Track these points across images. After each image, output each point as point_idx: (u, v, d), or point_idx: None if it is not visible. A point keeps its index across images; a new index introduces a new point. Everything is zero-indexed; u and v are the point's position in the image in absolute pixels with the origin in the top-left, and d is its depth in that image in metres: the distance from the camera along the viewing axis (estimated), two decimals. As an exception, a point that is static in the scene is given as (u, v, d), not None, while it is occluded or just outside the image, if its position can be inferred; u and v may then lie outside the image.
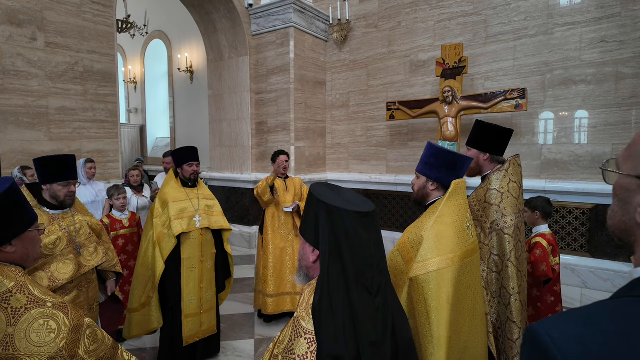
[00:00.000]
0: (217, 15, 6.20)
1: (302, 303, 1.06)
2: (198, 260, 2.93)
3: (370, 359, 0.97)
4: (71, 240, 2.16)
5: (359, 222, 1.03)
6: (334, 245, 1.01)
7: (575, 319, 0.56)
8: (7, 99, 3.81)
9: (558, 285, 2.66)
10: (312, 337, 0.98)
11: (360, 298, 0.99)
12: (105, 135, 4.63)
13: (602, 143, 4.37)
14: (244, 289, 4.65)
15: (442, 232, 1.43)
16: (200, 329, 2.95)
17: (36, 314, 1.18)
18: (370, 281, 1.02)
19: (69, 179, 2.16)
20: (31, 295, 1.21)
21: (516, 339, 1.90)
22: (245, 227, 6.41)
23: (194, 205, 2.97)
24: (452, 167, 1.58)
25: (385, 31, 5.97)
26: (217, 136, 6.80)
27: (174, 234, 2.78)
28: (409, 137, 5.86)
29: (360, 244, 1.02)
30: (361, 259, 1.02)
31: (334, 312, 0.97)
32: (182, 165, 3.00)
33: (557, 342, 0.53)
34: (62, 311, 1.24)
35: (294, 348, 0.98)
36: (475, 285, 1.51)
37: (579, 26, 4.43)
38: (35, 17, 3.96)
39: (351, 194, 1.15)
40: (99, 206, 3.99)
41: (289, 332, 1.03)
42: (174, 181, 3.03)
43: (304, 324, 1.00)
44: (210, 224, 2.98)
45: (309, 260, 1.12)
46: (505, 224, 1.93)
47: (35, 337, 1.16)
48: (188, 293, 2.87)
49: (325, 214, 1.03)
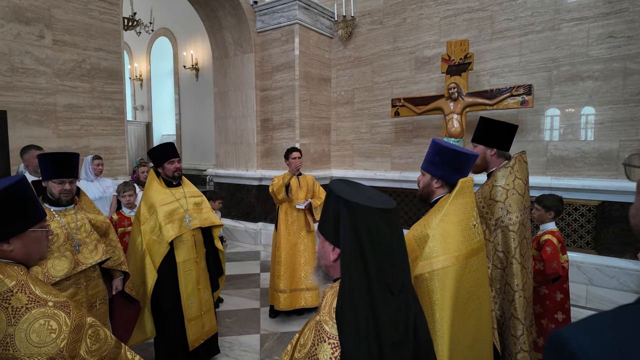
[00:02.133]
0: (222, 13, 6.21)
1: (324, 306, 1.02)
2: (194, 262, 2.78)
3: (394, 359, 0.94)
4: (69, 237, 2.16)
5: (381, 218, 1.00)
6: (355, 243, 0.98)
7: (602, 324, 0.54)
8: (16, 96, 3.86)
9: (567, 283, 2.67)
10: (335, 342, 0.94)
11: (382, 297, 0.96)
12: (112, 132, 4.67)
13: (609, 139, 4.34)
14: (250, 285, 4.69)
15: (447, 231, 1.43)
16: (203, 330, 2.86)
17: (37, 314, 1.17)
18: (393, 280, 0.99)
19: (62, 177, 2.14)
20: (32, 295, 1.19)
21: (519, 335, 1.90)
22: (251, 224, 6.44)
23: (183, 205, 2.79)
24: (457, 165, 1.58)
25: (390, 27, 5.95)
26: (223, 133, 6.83)
27: (167, 240, 2.61)
28: (413, 133, 5.85)
29: (382, 241, 0.99)
30: (383, 257, 0.99)
31: (356, 313, 0.94)
32: (162, 164, 2.80)
33: (585, 348, 0.51)
34: (63, 310, 1.22)
35: (317, 353, 0.95)
36: (481, 283, 1.52)
37: (586, 21, 4.39)
38: (42, 14, 4.00)
39: (371, 190, 1.12)
40: (106, 202, 4.04)
41: (311, 336, 0.99)
42: (156, 182, 2.81)
43: (327, 328, 0.96)
44: (201, 223, 2.83)
45: (329, 259, 1.08)
46: (510, 220, 1.93)
47: (36, 337, 1.14)
48: (188, 296, 2.75)
49: (346, 211, 0.99)
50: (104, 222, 2.45)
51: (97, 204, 3.61)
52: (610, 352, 0.50)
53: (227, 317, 3.84)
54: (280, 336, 3.51)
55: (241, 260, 5.69)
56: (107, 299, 2.40)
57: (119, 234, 3.38)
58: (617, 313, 0.56)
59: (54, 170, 2.13)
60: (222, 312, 3.94)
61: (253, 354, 3.22)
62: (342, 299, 0.95)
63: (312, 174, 4.15)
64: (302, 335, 1.07)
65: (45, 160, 2.13)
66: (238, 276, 4.91)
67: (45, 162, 2.13)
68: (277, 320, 3.80)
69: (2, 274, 1.18)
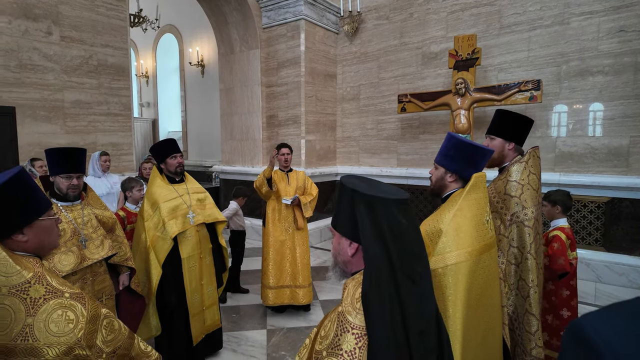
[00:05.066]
0: (227, 8, 6.20)
1: (346, 297, 1.03)
2: (197, 258, 2.80)
3: (420, 349, 0.95)
4: (76, 232, 2.17)
5: (399, 209, 1.01)
6: (377, 235, 0.99)
7: (622, 313, 0.52)
8: (25, 93, 3.88)
9: (574, 279, 2.64)
10: (359, 332, 0.94)
11: (406, 287, 0.97)
12: (119, 128, 4.69)
13: (619, 135, 4.28)
14: (256, 280, 4.69)
15: (461, 226, 1.42)
16: (204, 325, 2.88)
17: (54, 305, 1.18)
18: (413, 270, 1.00)
19: (69, 172, 2.15)
20: (49, 286, 1.20)
21: (534, 331, 1.89)
22: (256, 220, 6.45)
23: (186, 201, 2.79)
24: (472, 159, 1.56)
25: (396, 23, 5.91)
26: (228, 130, 6.84)
27: (171, 236, 2.62)
28: (420, 130, 5.81)
29: (401, 231, 1.00)
30: (404, 247, 1.00)
31: (381, 303, 0.94)
32: (164, 159, 2.80)
33: (605, 338, 0.49)
34: (79, 302, 1.24)
35: (340, 344, 0.94)
36: (493, 279, 1.50)
37: (596, 15, 4.33)
38: (50, 11, 4.01)
39: (382, 183, 1.14)
40: (114, 198, 4.06)
41: (333, 327, 0.99)
42: (159, 179, 2.81)
43: (350, 319, 0.97)
44: (205, 219, 2.83)
45: (347, 255, 1.08)
46: (526, 216, 1.91)
47: (55, 327, 1.16)
48: (192, 292, 2.76)
49: (364, 205, 1.01)
50: (111, 218, 2.46)
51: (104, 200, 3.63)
52: (632, 341, 0.48)
53: (234, 313, 3.86)
54: (286, 332, 3.52)
55: (247, 256, 5.68)
56: (113, 294, 2.41)
57: (128, 230, 3.39)
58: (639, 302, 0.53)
59: (62, 166, 2.14)
60: (229, 308, 3.95)
61: (260, 349, 3.23)
62: (367, 289, 0.96)
63: (303, 170, 4.10)
64: (322, 327, 1.06)
65: (53, 155, 2.14)
66: (244, 272, 4.92)
67: (53, 157, 2.14)
68: (284, 316, 3.81)
69: (19, 265, 1.19)
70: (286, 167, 3.89)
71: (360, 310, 0.96)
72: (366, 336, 0.94)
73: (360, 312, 0.96)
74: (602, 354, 0.49)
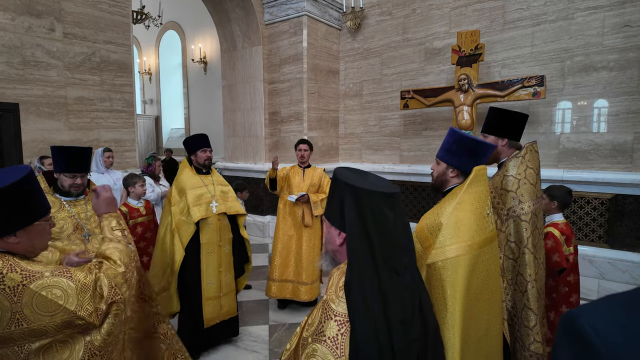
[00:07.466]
0: (230, 5, 6.19)
1: (331, 286, 1.06)
2: (216, 245, 2.99)
3: (401, 338, 0.97)
4: (79, 227, 2.20)
5: (384, 202, 1.03)
6: (361, 227, 1.01)
7: (617, 306, 0.52)
8: (28, 89, 3.90)
9: (572, 275, 2.59)
10: (342, 319, 0.98)
11: (388, 277, 1.00)
12: (122, 125, 4.70)
13: (623, 131, 4.25)
14: (259, 277, 4.71)
15: (461, 219, 1.41)
16: (221, 311, 3.04)
17: (36, 287, 1.16)
18: (398, 262, 1.02)
19: (74, 172, 2.18)
20: (24, 271, 1.17)
21: (532, 325, 1.89)
22: (259, 217, 6.47)
23: (210, 191, 3.01)
24: (474, 154, 1.55)
25: (399, 18, 5.88)
26: (231, 126, 6.85)
27: (194, 220, 2.82)
28: (423, 126, 5.79)
29: (386, 224, 1.02)
30: (388, 240, 1.02)
31: (363, 291, 0.97)
32: (195, 152, 3.06)
33: (597, 328, 0.49)
34: (63, 276, 1.22)
35: (324, 330, 0.98)
36: (493, 273, 1.50)
37: (601, 10, 4.29)
38: (53, 7, 4.02)
39: (375, 177, 1.15)
40: (117, 194, 4.08)
41: (319, 314, 1.03)
42: (188, 169, 3.08)
43: (333, 306, 1.00)
44: (226, 209, 3.04)
45: (335, 244, 1.11)
46: (522, 210, 1.91)
47: (44, 308, 1.16)
48: (208, 277, 2.95)
49: (351, 196, 1.03)
50: None
51: (108, 196, 3.63)
52: (629, 337, 0.47)
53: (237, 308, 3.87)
54: (289, 327, 3.53)
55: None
56: None
57: (131, 225, 3.42)
58: (634, 294, 0.53)
59: (67, 165, 2.16)
60: (232, 303, 3.97)
61: (262, 344, 3.24)
62: (350, 278, 0.99)
63: (322, 168, 4.12)
64: (310, 315, 1.10)
65: (58, 154, 2.16)
66: (247, 268, 4.94)
67: (59, 156, 2.16)
68: (286, 312, 3.82)
69: None
70: (303, 163, 3.90)
71: (342, 298, 1.00)
72: (348, 323, 0.97)
73: (343, 300, 0.99)
74: (593, 343, 0.49)
